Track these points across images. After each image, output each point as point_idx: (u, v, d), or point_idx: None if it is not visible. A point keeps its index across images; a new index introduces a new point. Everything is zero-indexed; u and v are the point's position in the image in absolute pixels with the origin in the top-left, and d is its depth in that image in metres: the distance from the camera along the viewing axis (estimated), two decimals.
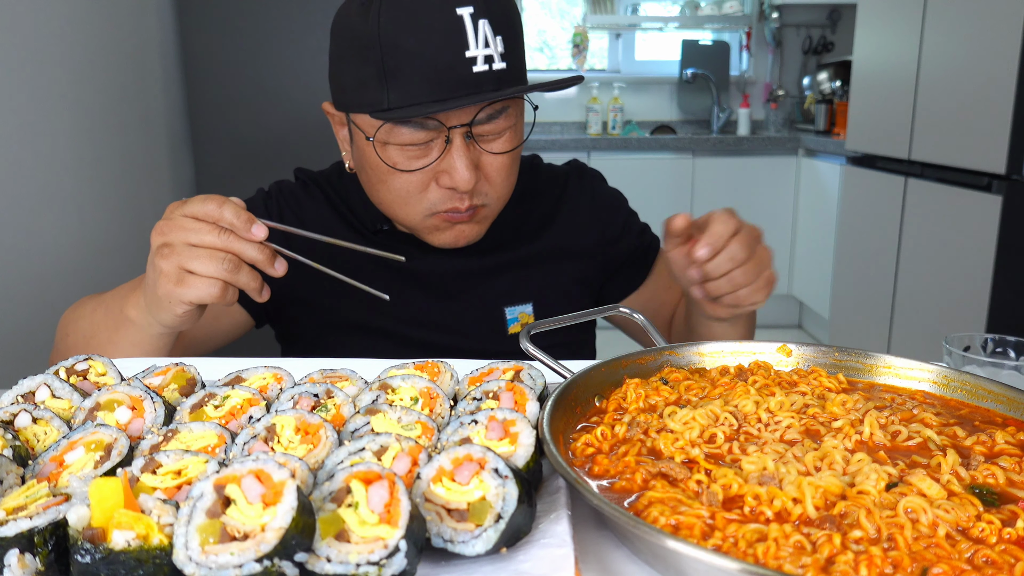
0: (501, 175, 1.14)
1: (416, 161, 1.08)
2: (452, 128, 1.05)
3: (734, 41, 5.28)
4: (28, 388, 0.78)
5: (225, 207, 0.92)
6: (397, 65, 1.02)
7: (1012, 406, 0.79)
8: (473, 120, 1.06)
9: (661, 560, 0.57)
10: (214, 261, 0.92)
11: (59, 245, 1.90)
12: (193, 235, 0.91)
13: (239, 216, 0.92)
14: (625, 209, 1.40)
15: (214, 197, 0.94)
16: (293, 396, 0.77)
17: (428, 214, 1.13)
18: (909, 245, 3.29)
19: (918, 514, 0.58)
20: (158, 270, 0.93)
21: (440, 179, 1.10)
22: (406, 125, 1.05)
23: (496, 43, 1.04)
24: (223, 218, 0.92)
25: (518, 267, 1.29)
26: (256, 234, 0.93)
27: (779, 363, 0.91)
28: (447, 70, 1.01)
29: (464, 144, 1.07)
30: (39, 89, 1.84)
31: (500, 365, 0.87)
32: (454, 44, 1.01)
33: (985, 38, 2.77)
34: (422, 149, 1.08)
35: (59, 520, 0.53)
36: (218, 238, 0.91)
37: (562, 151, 4.50)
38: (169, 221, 0.93)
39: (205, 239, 0.91)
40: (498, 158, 1.12)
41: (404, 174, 1.09)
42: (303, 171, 1.34)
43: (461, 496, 0.58)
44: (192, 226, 0.92)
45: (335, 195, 1.29)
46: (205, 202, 0.93)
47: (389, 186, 1.12)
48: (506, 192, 1.17)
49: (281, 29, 2.87)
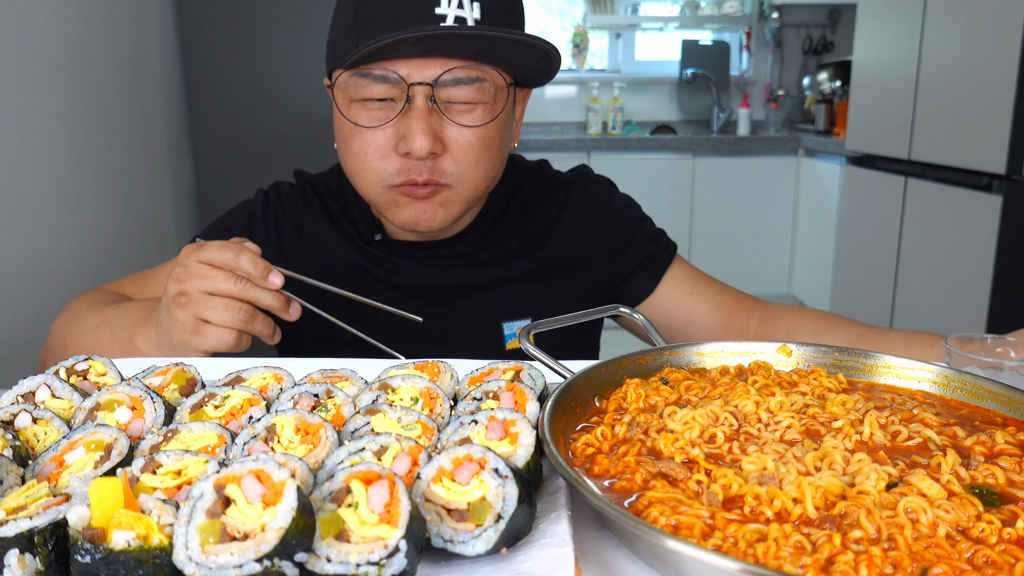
0: (467, 154, 1.09)
1: (377, 121, 1.07)
2: (413, 86, 1.03)
3: (734, 41, 5.28)
4: (28, 388, 0.78)
5: (243, 256, 0.93)
6: (368, 16, 1.03)
7: (1012, 406, 0.79)
8: (436, 81, 1.04)
9: (661, 560, 0.57)
10: (230, 311, 0.93)
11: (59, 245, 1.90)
12: (209, 283, 0.92)
13: (256, 265, 0.93)
14: (636, 216, 1.35)
15: (231, 245, 0.94)
16: (293, 396, 0.77)
17: (386, 185, 1.10)
18: (909, 245, 3.29)
19: (918, 514, 0.58)
20: (174, 318, 0.94)
21: (399, 145, 1.07)
22: (367, 77, 1.04)
23: (472, 8, 1.02)
24: (240, 267, 0.93)
25: (518, 281, 1.27)
26: (273, 283, 0.95)
27: (779, 363, 0.91)
28: (412, 20, 1.00)
29: (426, 107, 1.05)
30: (39, 89, 1.84)
31: (500, 365, 0.87)
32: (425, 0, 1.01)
33: (985, 38, 2.77)
34: (384, 110, 1.06)
35: (59, 520, 0.53)
36: (235, 286, 0.93)
37: (562, 151, 4.51)
38: (185, 268, 0.93)
39: (221, 287, 0.93)
40: (464, 133, 1.08)
41: (365, 134, 1.07)
42: (303, 175, 1.34)
43: (461, 496, 0.58)
44: (209, 273, 0.93)
45: (333, 202, 1.29)
46: (223, 250, 0.93)
47: (351, 149, 1.10)
48: (475, 176, 1.12)
49: (281, 29, 2.87)
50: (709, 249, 4.66)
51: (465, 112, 1.08)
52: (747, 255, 4.76)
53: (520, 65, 1.09)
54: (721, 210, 4.61)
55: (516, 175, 1.32)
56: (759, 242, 4.75)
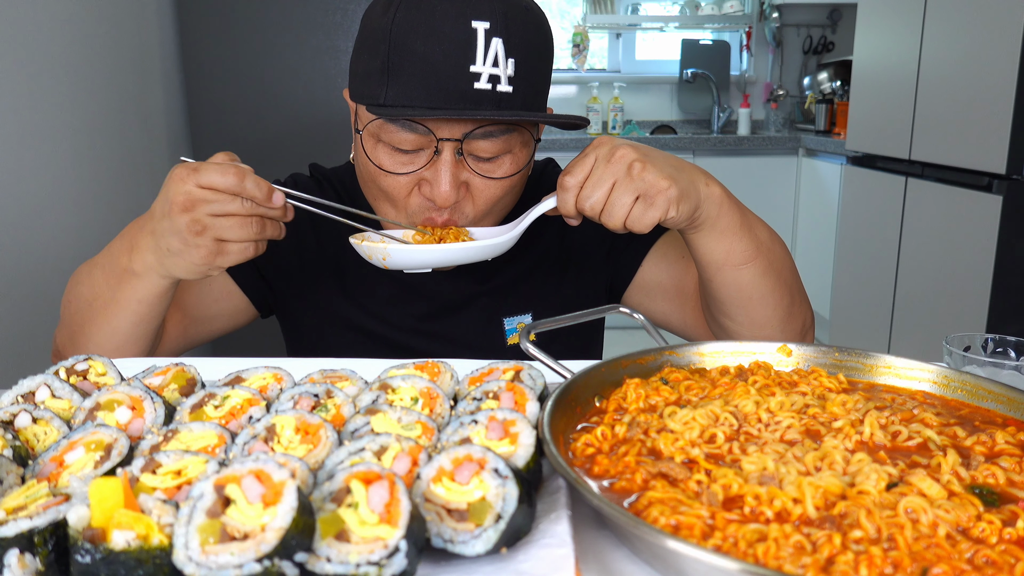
0: (488, 201, 1.10)
1: (402, 166, 1.07)
2: (442, 140, 1.03)
3: (734, 41, 5.28)
4: (28, 388, 0.78)
5: (247, 179, 0.95)
6: (400, 63, 1.01)
7: (1012, 406, 0.79)
8: (465, 136, 1.03)
9: (661, 560, 0.57)
10: (245, 228, 0.96)
11: (59, 245, 1.90)
12: (219, 207, 0.94)
13: (260, 187, 0.96)
14: None
15: (230, 168, 0.95)
16: (293, 396, 0.77)
17: (405, 220, 1.12)
18: (909, 245, 3.29)
19: (918, 514, 0.58)
20: (192, 245, 0.95)
21: (422, 187, 1.08)
22: (395, 123, 1.03)
23: (506, 65, 1.00)
24: (245, 190, 0.94)
25: (518, 277, 1.27)
26: (276, 202, 0.97)
27: (779, 363, 0.91)
28: (447, 79, 0.99)
29: (453, 159, 1.04)
30: (39, 90, 1.84)
31: (500, 365, 0.87)
32: (460, 55, 0.99)
33: (985, 38, 2.76)
34: (411, 156, 1.06)
35: (59, 520, 0.53)
36: (244, 207, 0.95)
37: (562, 151, 4.50)
38: (189, 195, 0.94)
39: (231, 209, 0.95)
40: (490, 184, 1.08)
41: (388, 177, 1.08)
42: (318, 167, 1.35)
43: (461, 496, 0.58)
44: (216, 198, 0.94)
45: (346, 195, 1.29)
46: (225, 175, 0.94)
47: (374, 182, 1.10)
48: (492, 218, 1.14)
49: (281, 29, 2.87)
50: None
51: (490, 162, 1.07)
52: None
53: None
54: None
55: None
56: None
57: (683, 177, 1.03)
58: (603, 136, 1.08)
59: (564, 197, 1.02)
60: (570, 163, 1.02)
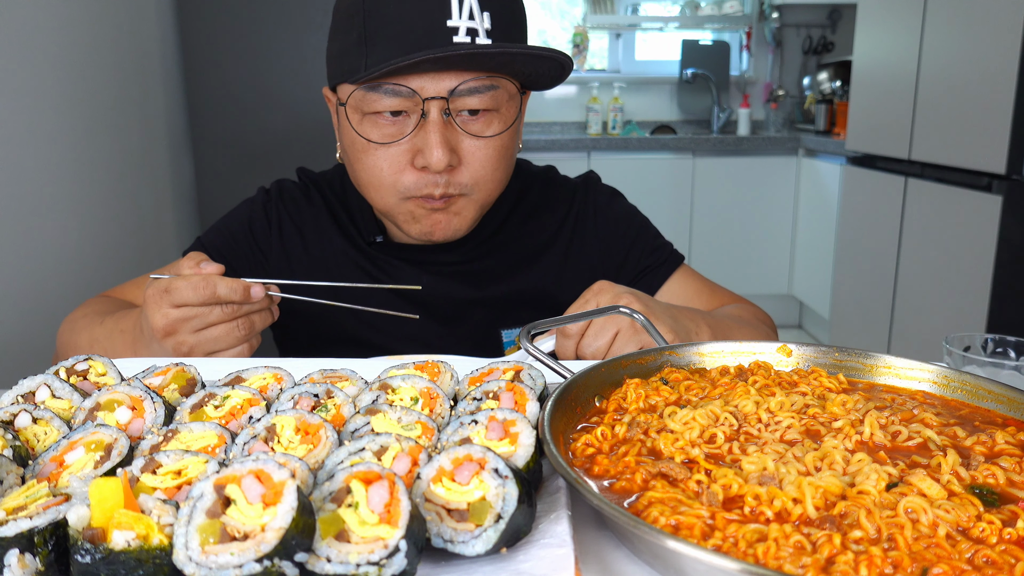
0: (483, 165, 1.08)
1: (391, 137, 1.05)
2: (428, 100, 1.02)
3: (734, 41, 5.28)
4: (28, 388, 0.78)
5: (219, 287, 0.93)
6: (376, 29, 1.00)
7: (1012, 406, 0.79)
8: (451, 93, 1.02)
9: (661, 560, 0.57)
10: (231, 334, 0.96)
11: (59, 246, 1.90)
12: (199, 321, 0.94)
13: (235, 290, 0.94)
14: (635, 228, 1.32)
15: (198, 280, 0.93)
16: (293, 396, 0.77)
17: (402, 198, 1.10)
18: (909, 245, 3.29)
19: (918, 514, 0.58)
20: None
21: (415, 159, 1.06)
22: (378, 91, 1.02)
23: (482, 18, 1.01)
24: (220, 298, 0.94)
25: (517, 289, 1.26)
26: (255, 296, 0.96)
27: (779, 363, 0.91)
28: (424, 36, 0.99)
29: (441, 120, 1.03)
30: (39, 90, 1.84)
31: (500, 365, 0.87)
32: (435, 11, 0.99)
33: (985, 38, 2.77)
34: (398, 124, 1.05)
35: (59, 520, 0.53)
36: (224, 312, 0.94)
37: (562, 151, 4.50)
38: (166, 317, 0.94)
39: (212, 319, 0.94)
40: (480, 144, 1.07)
41: (378, 150, 1.06)
42: (306, 172, 1.33)
43: (461, 496, 0.58)
44: (195, 313, 0.94)
45: (335, 200, 1.28)
46: (195, 289, 0.93)
47: (364, 164, 1.09)
48: (490, 185, 1.12)
49: (281, 29, 2.87)
50: (709, 249, 4.66)
51: (478, 121, 1.07)
52: (747, 255, 4.76)
53: (532, 73, 1.09)
54: (721, 210, 4.61)
55: (521, 179, 1.31)
56: (759, 242, 4.75)
57: (680, 328, 1.06)
58: (603, 282, 1.08)
59: (565, 343, 1.02)
60: (571, 308, 1.04)
